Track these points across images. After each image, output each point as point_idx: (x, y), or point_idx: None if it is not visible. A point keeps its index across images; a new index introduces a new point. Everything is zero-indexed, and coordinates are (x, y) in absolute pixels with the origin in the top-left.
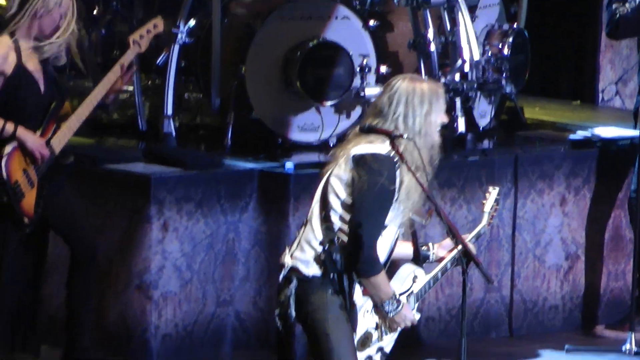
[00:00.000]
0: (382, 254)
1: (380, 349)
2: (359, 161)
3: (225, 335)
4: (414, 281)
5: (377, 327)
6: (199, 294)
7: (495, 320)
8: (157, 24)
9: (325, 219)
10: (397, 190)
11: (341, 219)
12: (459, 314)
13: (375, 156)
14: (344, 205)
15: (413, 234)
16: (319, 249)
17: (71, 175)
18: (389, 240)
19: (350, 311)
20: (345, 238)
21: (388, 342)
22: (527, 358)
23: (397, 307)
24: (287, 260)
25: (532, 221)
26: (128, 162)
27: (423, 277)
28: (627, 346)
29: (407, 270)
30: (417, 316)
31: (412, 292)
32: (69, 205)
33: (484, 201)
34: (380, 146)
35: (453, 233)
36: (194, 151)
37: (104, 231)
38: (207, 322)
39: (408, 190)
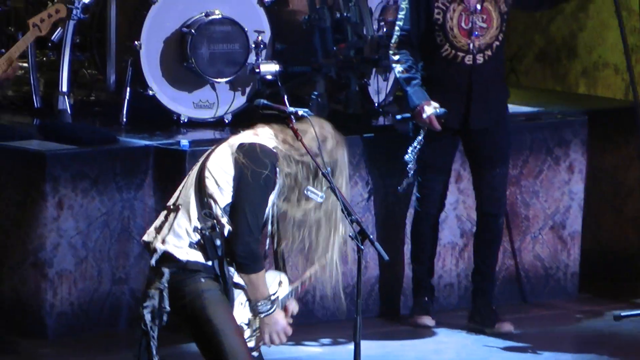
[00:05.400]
0: None
1: (251, 350)
2: (247, 150)
3: (120, 313)
4: (279, 285)
5: (249, 325)
6: (94, 272)
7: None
8: (59, 9)
9: (203, 206)
10: (275, 186)
11: (220, 206)
12: (354, 292)
13: (263, 147)
14: (223, 193)
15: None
16: (195, 236)
17: None
18: None
19: (227, 296)
20: (222, 227)
21: (256, 346)
22: (423, 337)
23: (271, 308)
24: (159, 246)
25: None
26: (23, 138)
27: (286, 284)
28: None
29: (274, 275)
30: (289, 330)
31: (277, 297)
32: None
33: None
34: (266, 140)
35: (347, 208)
36: (89, 127)
37: None
38: (103, 300)
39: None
